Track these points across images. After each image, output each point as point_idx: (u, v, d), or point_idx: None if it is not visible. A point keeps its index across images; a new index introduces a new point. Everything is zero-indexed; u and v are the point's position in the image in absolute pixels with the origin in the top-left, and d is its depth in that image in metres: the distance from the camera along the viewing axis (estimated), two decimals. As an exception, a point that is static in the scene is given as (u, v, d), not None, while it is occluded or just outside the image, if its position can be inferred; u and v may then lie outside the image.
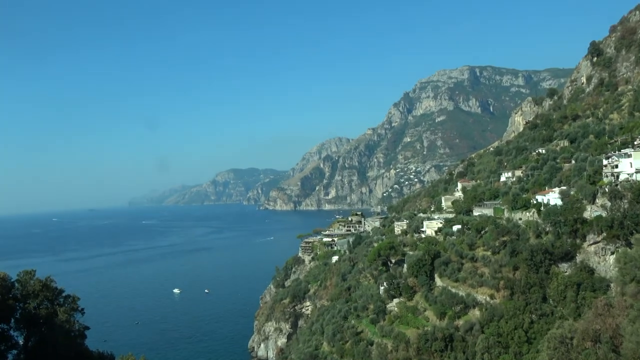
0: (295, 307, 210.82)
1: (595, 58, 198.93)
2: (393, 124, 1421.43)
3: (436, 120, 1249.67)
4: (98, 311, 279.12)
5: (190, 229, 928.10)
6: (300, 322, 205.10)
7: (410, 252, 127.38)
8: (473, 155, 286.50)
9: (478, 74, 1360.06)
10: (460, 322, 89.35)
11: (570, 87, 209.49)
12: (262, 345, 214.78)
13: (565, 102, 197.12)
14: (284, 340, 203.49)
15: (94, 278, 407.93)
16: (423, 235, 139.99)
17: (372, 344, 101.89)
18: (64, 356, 47.40)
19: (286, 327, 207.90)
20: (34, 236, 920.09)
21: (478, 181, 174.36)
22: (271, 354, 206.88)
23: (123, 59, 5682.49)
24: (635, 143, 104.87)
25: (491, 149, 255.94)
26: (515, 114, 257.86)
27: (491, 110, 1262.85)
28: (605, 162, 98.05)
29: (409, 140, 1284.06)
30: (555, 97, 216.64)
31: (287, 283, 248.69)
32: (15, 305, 47.53)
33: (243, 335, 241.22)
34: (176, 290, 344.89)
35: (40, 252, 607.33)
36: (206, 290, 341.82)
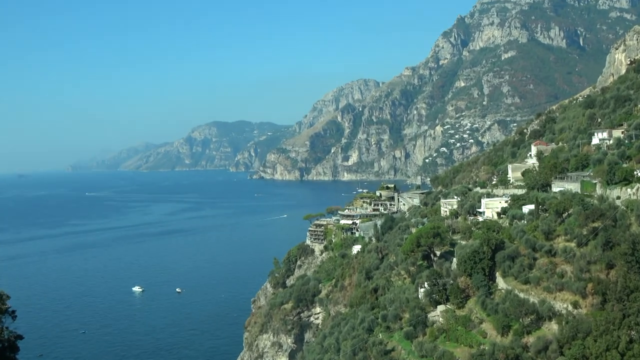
0: (301, 315, 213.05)
1: None
2: (441, 62, 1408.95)
3: (502, 58, 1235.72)
4: (31, 315, 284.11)
5: (156, 204, 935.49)
6: (308, 336, 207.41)
7: (463, 242, 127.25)
8: (554, 108, 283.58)
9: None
10: (530, 339, 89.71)
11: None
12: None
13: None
14: (285, 359, 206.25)
15: (25, 270, 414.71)
16: (480, 219, 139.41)
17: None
18: (-12, 374, 48.18)
19: (288, 341, 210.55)
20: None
21: (560, 144, 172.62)
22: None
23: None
24: None
25: (580, 98, 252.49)
26: (616, 49, 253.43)
27: (581, 44, 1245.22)
28: None
29: (463, 85, 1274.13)
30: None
31: (290, 281, 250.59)
32: None
33: (228, 351, 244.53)
34: (136, 289, 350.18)
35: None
36: (178, 290, 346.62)
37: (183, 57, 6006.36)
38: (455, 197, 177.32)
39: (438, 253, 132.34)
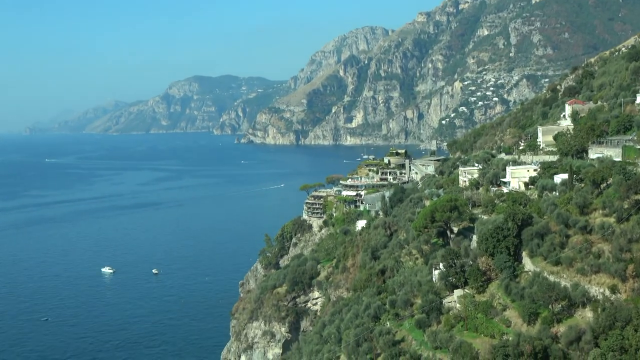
0: (297, 300, 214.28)
1: None
2: (461, 7, 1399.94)
3: (533, 1, 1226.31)
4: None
5: (128, 172, 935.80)
6: (304, 324, 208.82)
7: (484, 217, 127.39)
8: (592, 60, 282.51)
9: None
10: (560, 329, 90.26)
11: None
12: (242, 357, 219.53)
13: None
14: (278, 350, 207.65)
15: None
16: (505, 190, 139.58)
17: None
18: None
19: (281, 330, 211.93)
20: None
21: (599, 103, 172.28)
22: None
23: None
24: None
25: (623, 49, 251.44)
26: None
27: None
28: None
29: (486, 33, 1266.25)
30: None
31: (284, 262, 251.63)
32: None
33: (213, 341, 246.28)
34: (106, 270, 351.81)
35: None
36: (154, 271, 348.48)
37: (159, 1, 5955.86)
38: (476, 164, 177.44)
39: (455, 229, 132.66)
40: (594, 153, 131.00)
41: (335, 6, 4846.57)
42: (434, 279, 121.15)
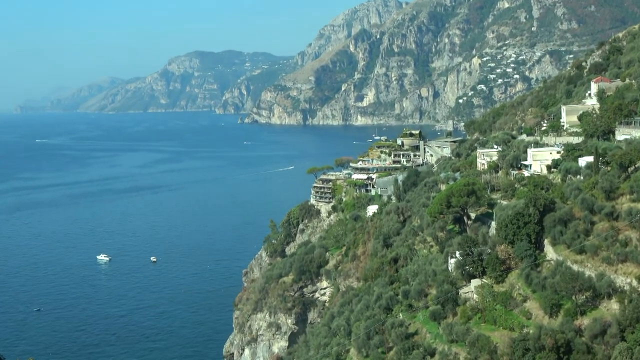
0: (304, 290, 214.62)
1: None
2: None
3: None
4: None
5: (125, 154, 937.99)
6: (312, 315, 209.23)
7: (504, 202, 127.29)
8: (620, 35, 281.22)
9: None
10: (584, 321, 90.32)
11: None
12: (246, 350, 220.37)
13: None
14: (284, 343, 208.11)
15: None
16: (526, 173, 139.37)
17: (432, 354, 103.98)
18: None
19: (287, 322, 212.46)
20: None
21: (627, 80, 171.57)
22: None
23: None
24: None
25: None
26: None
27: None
28: None
29: (506, 5, 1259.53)
30: None
31: (290, 249, 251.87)
32: None
33: (215, 333, 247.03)
34: (102, 257, 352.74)
35: None
36: (152, 259, 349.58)
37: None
38: (495, 146, 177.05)
39: (473, 215, 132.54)
40: (621, 134, 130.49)
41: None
42: (449, 268, 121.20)
